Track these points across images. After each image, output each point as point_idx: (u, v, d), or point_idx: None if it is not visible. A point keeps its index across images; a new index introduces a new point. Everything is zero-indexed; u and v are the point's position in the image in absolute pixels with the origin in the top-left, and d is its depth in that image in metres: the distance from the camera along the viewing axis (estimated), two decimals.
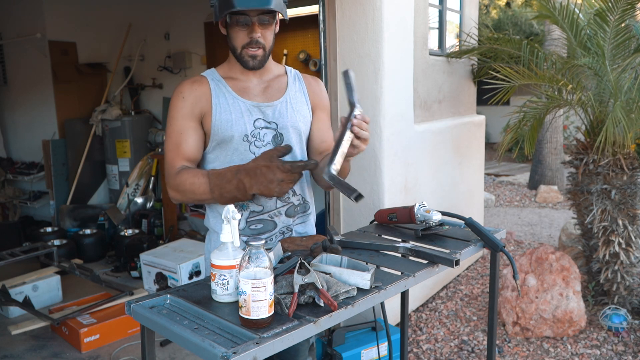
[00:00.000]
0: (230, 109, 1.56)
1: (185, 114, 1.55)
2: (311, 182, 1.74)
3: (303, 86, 1.70)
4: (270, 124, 1.60)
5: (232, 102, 1.57)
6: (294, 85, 1.68)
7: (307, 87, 1.71)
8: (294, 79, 1.70)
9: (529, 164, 8.83)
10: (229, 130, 1.55)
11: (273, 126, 1.60)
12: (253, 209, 1.60)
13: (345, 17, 3.07)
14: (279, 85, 1.66)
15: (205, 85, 1.58)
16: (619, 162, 3.24)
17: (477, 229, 1.63)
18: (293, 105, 1.65)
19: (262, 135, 1.58)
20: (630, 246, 3.30)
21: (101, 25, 5.60)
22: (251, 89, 1.61)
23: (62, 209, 5.19)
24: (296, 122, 1.64)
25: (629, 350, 3.03)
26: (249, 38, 1.52)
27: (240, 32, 1.52)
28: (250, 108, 1.58)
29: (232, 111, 1.56)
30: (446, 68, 4.12)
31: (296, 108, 1.65)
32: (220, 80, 1.60)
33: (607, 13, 3.13)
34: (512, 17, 12.69)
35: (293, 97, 1.66)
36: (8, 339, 3.20)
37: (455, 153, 4.12)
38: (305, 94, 1.70)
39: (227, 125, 1.55)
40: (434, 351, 3.09)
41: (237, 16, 1.50)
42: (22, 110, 5.76)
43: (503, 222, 6.06)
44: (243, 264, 1.10)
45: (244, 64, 1.57)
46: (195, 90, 1.56)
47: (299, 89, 1.69)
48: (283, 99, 1.63)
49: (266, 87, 1.63)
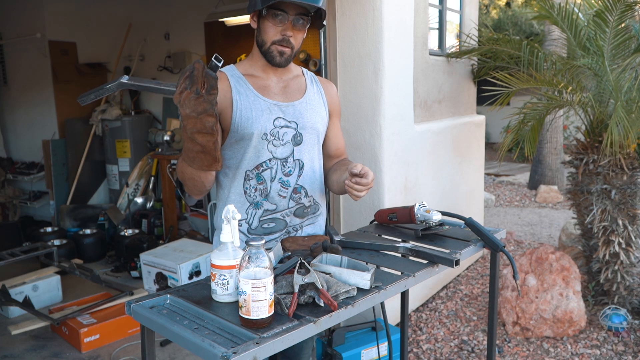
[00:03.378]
0: (251, 106, 1.56)
1: None
2: (324, 186, 1.76)
3: (321, 89, 1.72)
4: (291, 123, 1.61)
5: (253, 99, 1.57)
6: (312, 87, 1.70)
7: (324, 91, 1.73)
8: (311, 81, 1.72)
9: (529, 164, 8.83)
10: (249, 127, 1.55)
11: (293, 125, 1.61)
12: (267, 208, 1.61)
13: (345, 17, 3.07)
14: (298, 86, 1.67)
15: (225, 81, 1.57)
16: (619, 162, 3.24)
17: (477, 229, 1.63)
18: (312, 107, 1.66)
19: (281, 134, 1.59)
20: (630, 246, 3.30)
21: (101, 25, 5.60)
22: (271, 87, 1.61)
23: (62, 209, 5.20)
24: (315, 123, 1.66)
25: (629, 350, 3.03)
26: (282, 35, 1.53)
27: (274, 27, 1.52)
28: (271, 107, 1.58)
29: (252, 109, 1.56)
30: (446, 68, 4.12)
31: (315, 109, 1.67)
32: (241, 77, 1.59)
33: (607, 13, 3.13)
34: (512, 17, 12.69)
35: (312, 99, 1.67)
36: (8, 339, 3.20)
37: (455, 153, 4.12)
38: (324, 97, 1.72)
39: (247, 123, 1.55)
40: (434, 351, 3.09)
41: (275, 10, 1.50)
42: (22, 110, 5.76)
43: (503, 222, 6.06)
44: (243, 264, 1.10)
45: (270, 58, 1.56)
46: None
47: (317, 91, 1.71)
48: (303, 100, 1.65)
49: (285, 87, 1.64)
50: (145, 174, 5.43)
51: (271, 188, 1.60)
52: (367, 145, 3.11)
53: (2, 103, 5.97)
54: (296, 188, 1.63)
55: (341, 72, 3.15)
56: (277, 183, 1.60)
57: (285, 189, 1.61)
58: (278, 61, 1.56)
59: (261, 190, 1.60)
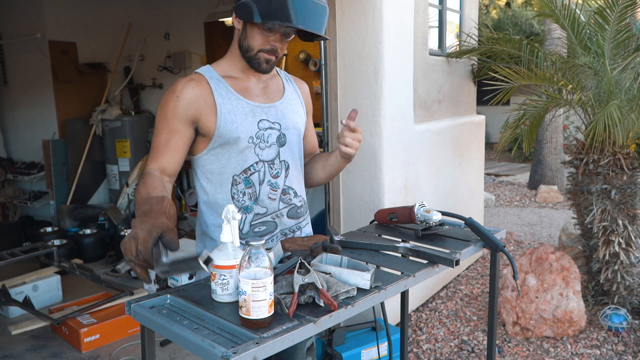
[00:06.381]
0: (235, 110, 1.53)
1: (176, 114, 1.48)
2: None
3: (296, 88, 1.72)
4: (274, 125, 1.59)
5: (236, 103, 1.53)
6: (289, 86, 1.70)
7: (299, 90, 1.73)
8: (286, 80, 1.72)
9: (529, 164, 8.83)
10: (235, 131, 1.52)
11: (277, 126, 1.60)
12: (257, 212, 1.59)
13: (345, 17, 3.07)
14: (276, 86, 1.66)
15: (204, 84, 1.52)
16: (619, 162, 3.24)
17: (477, 229, 1.63)
18: (292, 106, 1.66)
19: (266, 136, 1.57)
20: (630, 246, 3.30)
21: (101, 25, 5.60)
22: (251, 89, 1.59)
23: (62, 209, 5.19)
24: (297, 123, 1.66)
25: (629, 350, 3.03)
26: (270, 45, 1.50)
27: (263, 36, 1.48)
28: (254, 109, 1.56)
29: (236, 112, 1.53)
30: (446, 68, 4.12)
31: (295, 109, 1.67)
32: (220, 79, 1.55)
33: (608, 11, 3.12)
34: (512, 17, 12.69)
35: (290, 98, 1.67)
36: (8, 339, 3.20)
37: (455, 153, 4.12)
38: (300, 96, 1.72)
39: (232, 127, 1.51)
40: (434, 351, 3.09)
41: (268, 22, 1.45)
42: (22, 110, 5.76)
43: (503, 222, 6.06)
44: (243, 264, 1.10)
45: (256, 66, 1.53)
46: (192, 90, 1.49)
47: (293, 90, 1.71)
48: (283, 100, 1.64)
49: (265, 87, 1.63)
50: None
51: (260, 191, 1.58)
52: (367, 145, 3.11)
53: (2, 103, 5.97)
54: (284, 189, 1.62)
55: (341, 72, 3.15)
56: (267, 186, 1.58)
57: (274, 191, 1.60)
58: (264, 69, 1.54)
59: (250, 194, 1.57)
